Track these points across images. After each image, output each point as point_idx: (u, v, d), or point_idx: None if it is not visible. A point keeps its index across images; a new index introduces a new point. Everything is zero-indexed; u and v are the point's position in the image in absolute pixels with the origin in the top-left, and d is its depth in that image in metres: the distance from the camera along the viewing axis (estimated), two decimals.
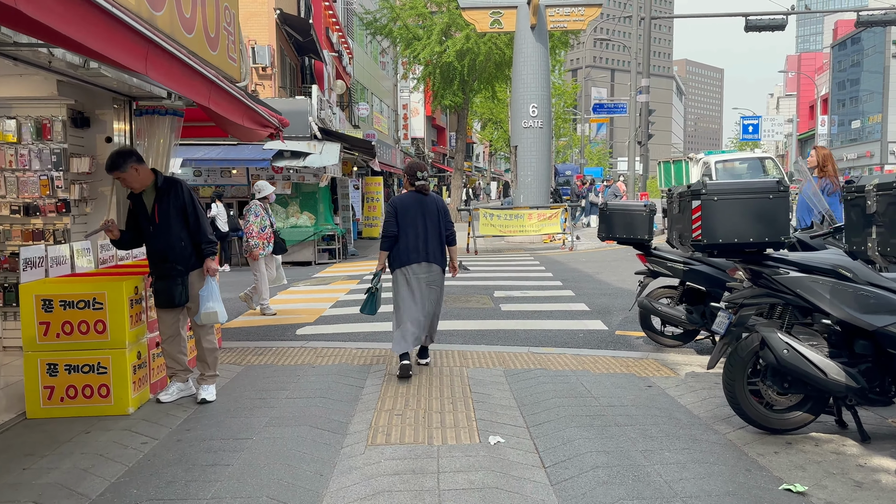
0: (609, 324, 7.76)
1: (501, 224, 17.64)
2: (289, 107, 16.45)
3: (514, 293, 10.04)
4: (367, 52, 37.71)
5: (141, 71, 3.59)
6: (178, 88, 4.22)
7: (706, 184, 3.92)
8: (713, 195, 3.88)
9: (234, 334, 7.67)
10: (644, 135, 21.59)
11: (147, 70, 3.62)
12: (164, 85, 4.19)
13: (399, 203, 5.78)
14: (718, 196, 3.87)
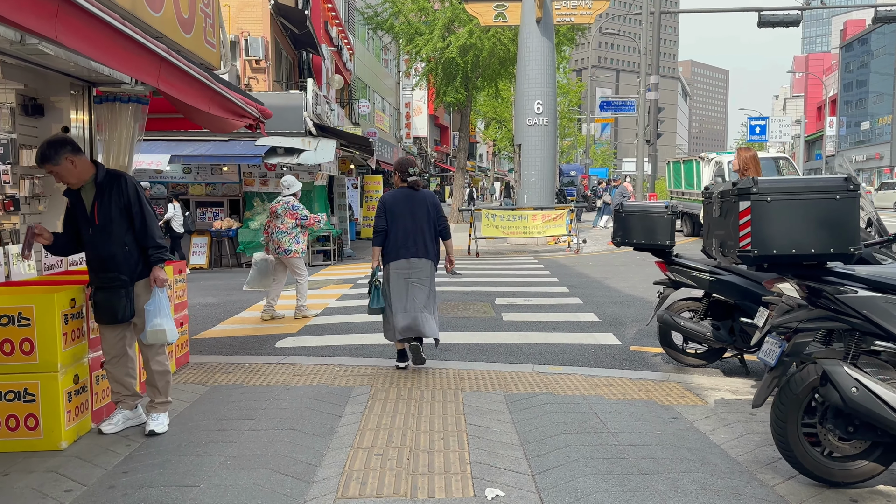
0: (622, 337, 7.01)
1: (504, 225, 16.90)
2: (282, 101, 15.74)
3: (517, 300, 9.29)
4: (368, 49, 37.00)
5: (48, 34, 2.86)
6: (107, 60, 3.48)
7: (757, 181, 3.17)
8: (766, 195, 3.13)
9: (206, 346, 6.94)
10: (652, 133, 20.84)
11: (57, 33, 2.88)
12: (85, 54, 3.46)
13: (389, 199, 5.82)
14: (773, 196, 3.12)
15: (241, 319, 8.49)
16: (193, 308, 9.38)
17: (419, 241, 5.75)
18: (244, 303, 9.80)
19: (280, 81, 17.21)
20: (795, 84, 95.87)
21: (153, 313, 4.21)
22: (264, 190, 15.93)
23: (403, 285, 5.74)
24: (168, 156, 14.54)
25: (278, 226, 8.43)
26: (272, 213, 8.58)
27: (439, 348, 6.42)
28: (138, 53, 3.72)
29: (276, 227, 8.45)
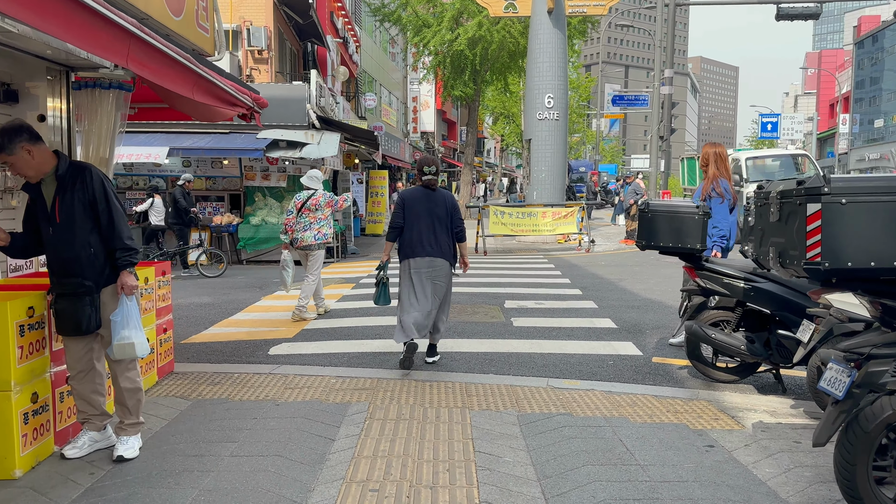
0: (643, 347, 6.49)
1: (513, 223, 16.37)
2: (284, 92, 15.25)
3: (527, 304, 8.78)
4: (375, 42, 36.46)
5: None
6: (66, 35, 2.98)
7: (829, 178, 2.65)
8: (840, 196, 2.60)
9: (195, 352, 6.46)
10: (666, 129, 20.25)
11: None
12: (39, 28, 2.95)
13: (408, 196, 5.84)
14: (849, 197, 2.60)
15: (235, 322, 8.01)
16: (186, 308, 8.92)
17: (435, 240, 5.72)
18: (240, 303, 9.32)
19: (283, 73, 16.73)
20: (807, 81, 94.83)
21: (120, 324, 3.71)
22: (266, 184, 15.46)
23: (416, 283, 5.71)
24: (166, 148, 14.07)
25: (319, 217, 8.23)
26: (312, 207, 8.20)
27: (446, 356, 5.94)
28: (102, 28, 3.22)
29: (316, 219, 8.22)
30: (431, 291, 5.73)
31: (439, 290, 5.77)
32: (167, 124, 15.13)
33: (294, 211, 8.24)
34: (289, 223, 8.23)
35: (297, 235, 8.18)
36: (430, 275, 5.72)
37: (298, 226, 8.18)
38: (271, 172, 15.43)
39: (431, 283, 5.72)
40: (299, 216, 8.19)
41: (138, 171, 15.57)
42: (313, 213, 8.20)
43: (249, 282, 11.70)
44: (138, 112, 7.79)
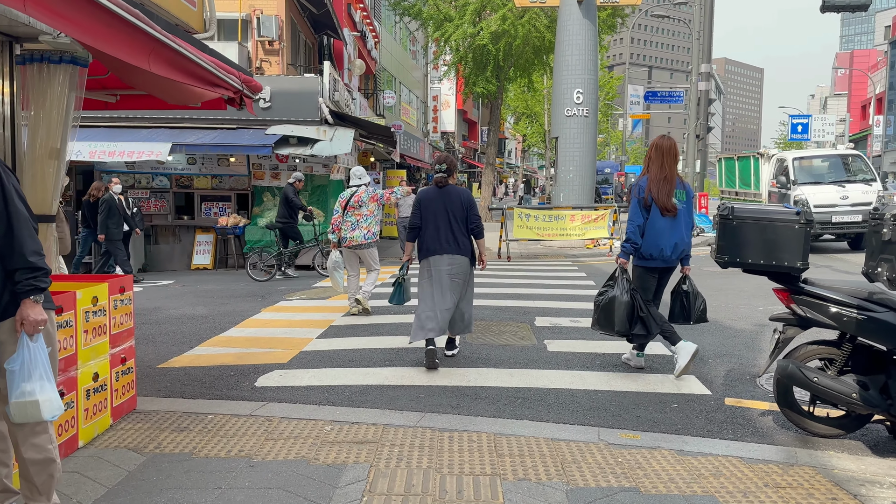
0: (710, 382, 5.33)
1: (539, 226, 15.24)
2: (295, 85, 14.25)
3: (561, 321, 7.65)
4: (395, 39, 35.46)
5: None
6: None
7: None
8: None
9: (170, 381, 5.42)
10: (703, 127, 18.98)
11: None
12: None
13: (423, 195, 5.88)
14: None
15: (225, 340, 6.97)
16: (175, 322, 7.91)
17: (451, 238, 5.73)
18: (236, 316, 8.30)
19: (296, 66, 15.76)
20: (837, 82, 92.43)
21: (20, 375, 2.66)
22: (275, 184, 14.46)
23: (436, 282, 5.73)
24: (169, 144, 13.12)
25: (364, 213, 8.15)
26: (356, 204, 8.13)
27: (470, 390, 4.85)
28: None
29: (362, 216, 8.14)
30: (450, 289, 5.72)
31: (457, 287, 5.76)
32: (170, 119, 14.22)
33: (339, 210, 8.19)
34: (335, 222, 8.20)
35: (345, 234, 8.13)
36: (450, 273, 5.72)
37: (346, 225, 8.14)
38: (281, 171, 14.43)
39: (450, 281, 5.72)
40: (345, 215, 8.14)
41: (141, 168, 14.64)
42: (358, 211, 8.12)
43: (251, 290, 10.67)
44: (121, 100, 6.84)
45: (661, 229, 5.28)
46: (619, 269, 5.35)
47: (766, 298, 9.16)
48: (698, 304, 5.54)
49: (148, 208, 14.73)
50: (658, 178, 5.35)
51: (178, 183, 14.72)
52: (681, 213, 5.34)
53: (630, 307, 5.25)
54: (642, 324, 5.32)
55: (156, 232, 14.82)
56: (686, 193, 5.46)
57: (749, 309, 8.45)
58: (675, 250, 5.34)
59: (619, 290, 5.28)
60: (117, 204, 11.73)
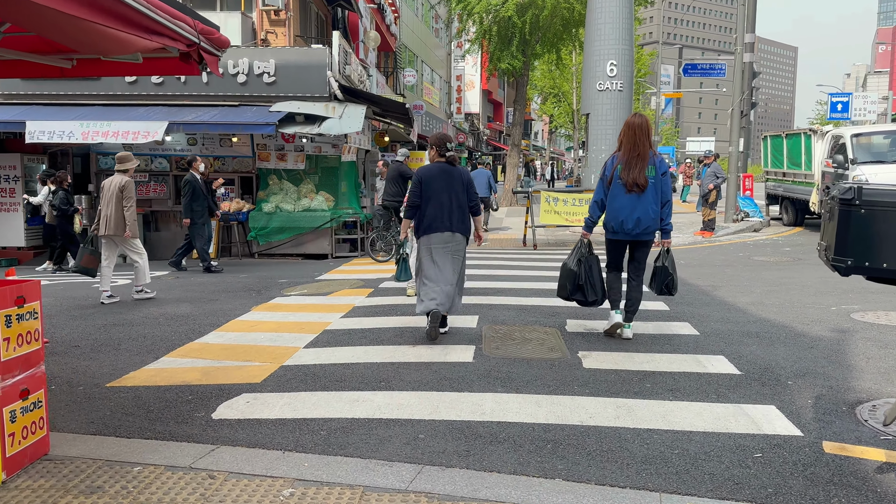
0: (796, 415, 4.10)
1: (567, 211, 13.95)
2: (301, 58, 13.08)
3: (597, 325, 6.44)
4: (417, 15, 34.10)
5: None
6: None
7: None
8: None
9: (111, 408, 4.33)
10: (746, 102, 17.47)
11: None
12: None
13: (424, 173, 5.90)
14: None
15: (199, 348, 5.88)
16: (151, 323, 6.86)
17: (454, 216, 5.85)
18: (221, 316, 7.22)
19: (306, 39, 14.62)
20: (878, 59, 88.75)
21: None
22: (282, 166, 13.37)
23: (437, 258, 5.84)
24: (165, 123, 12.08)
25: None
26: None
27: (489, 427, 3.69)
28: None
29: None
30: (451, 265, 5.86)
31: (457, 263, 5.91)
32: (168, 96, 13.19)
33: None
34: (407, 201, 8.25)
35: None
36: (451, 249, 5.86)
37: None
38: (287, 152, 13.33)
39: (451, 257, 5.86)
40: None
41: (139, 150, 13.63)
42: None
43: (248, 283, 9.61)
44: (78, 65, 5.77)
45: (622, 205, 5.61)
46: (579, 240, 5.93)
47: (836, 295, 7.85)
48: (665, 279, 5.90)
49: (147, 192, 13.75)
50: (630, 155, 5.58)
51: (178, 165, 13.70)
52: (649, 188, 5.57)
53: (572, 275, 5.85)
54: (581, 291, 5.85)
55: (155, 218, 13.85)
56: (656, 168, 5.61)
57: (820, 310, 7.15)
58: (638, 225, 5.61)
59: (569, 259, 5.94)
60: (201, 185, 11.00)
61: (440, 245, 5.83)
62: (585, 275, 5.81)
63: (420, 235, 5.91)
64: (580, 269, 5.82)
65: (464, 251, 5.98)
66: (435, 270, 5.82)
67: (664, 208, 5.68)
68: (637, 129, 5.58)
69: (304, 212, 12.96)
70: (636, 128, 5.58)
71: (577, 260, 5.85)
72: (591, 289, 5.81)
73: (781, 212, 17.71)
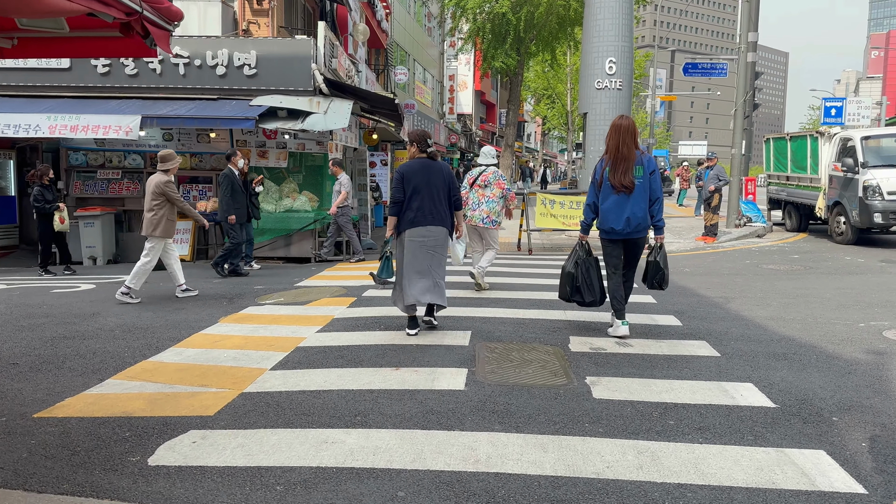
0: (853, 463, 3.40)
1: (565, 214, 13.28)
2: (284, 49, 12.33)
3: (604, 344, 5.74)
4: (409, 13, 33.37)
5: None
6: None
7: None
8: None
9: (30, 446, 3.59)
10: (749, 103, 16.85)
11: None
12: None
13: (406, 169, 5.95)
14: None
15: (151, 368, 5.14)
16: (106, 336, 6.11)
17: (436, 211, 5.92)
18: (185, 327, 6.48)
19: (290, 29, 13.88)
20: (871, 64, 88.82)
21: None
22: (263, 164, 12.62)
23: (419, 253, 5.88)
24: (139, 117, 11.31)
25: (487, 195, 8.25)
26: (482, 183, 8.29)
27: (473, 496, 2.98)
28: None
29: (484, 197, 8.25)
30: (433, 258, 5.92)
31: (437, 258, 5.95)
32: (143, 88, 12.42)
33: (467, 186, 8.35)
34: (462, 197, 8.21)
35: (467, 212, 8.27)
36: (430, 243, 5.91)
37: (469, 202, 8.29)
38: (269, 149, 12.59)
39: (430, 252, 5.92)
40: (471, 192, 8.30)
41: (112, 145, 12.88)
42: (482, 190, 8.26)
43: (221, 289, 8.87)
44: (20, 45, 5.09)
45: (610, 206, 5.73)
46: (577, 243, 6.14)
47: (860, 309, 7.19)
48: (656, 275, 5.98)
49: (119, 191, 12.98)
50: (616, 157, 5.67)
51: (153, 162, 12.92)
52: (638, 187, 5.65)
53: (570, 277, 6.07)
54: (579, 293, 6.02)
55: (129, 217, 13.07)
56: (644, 168, 5.68)
57: (847, 326, 6.48)
58: (628, 224, 5.69)
59: (568, 262, 6.16)
60: (239, 182, 10.40)
61: (422, 239, 5.89)
62: (583, 276, 5.99)
63: (402, 230, 5.92)
64: (577, 272, 6.03)
65: (445, 245, 6.06)
66: (415, 264, 5.89)
67: (654, 205, 5.75)
68: (623, 131, 5.67)
69: (286, 212, 12.21)
70: (622, 130, 5.67)
71: (575, 262, 6.06)
72: (588, 290, 5.98)
73: (784, 217, 17.10)
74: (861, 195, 12.72)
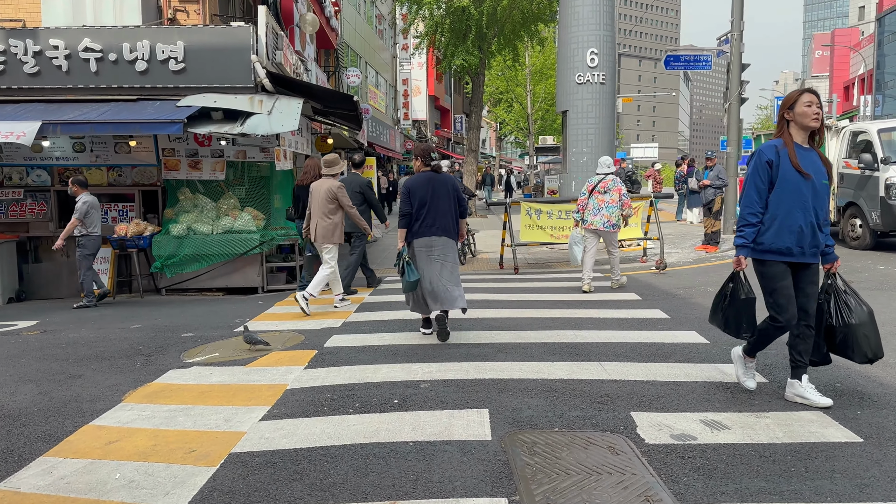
0: None
1: (552, 226, 11.55)
2: (217, 39, 10.26)
3: (686, 425, 3.95)
4: (359, 13, 31.44)
5: None
6: None
7: None
8: None
9: None
10: (735, 97, 15.48)
11: None
12: None
13: (412, 184, 6.16)
14: None
15: None
16: None
17: (442, 222, 6.13)
18: (74, 412, 4.47)
19: (225, 17, 11.88)
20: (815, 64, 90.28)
21: None
22: (196, 176, 10.56)
23: (428, 261, 6.09)
24: (38, 123, 9.17)
25: (607, 201, 8.62)
26: (601, 190, 8.65)
27: None
28: None
29: (604, 202, 8.61)
30: (441, 269, 6.07)
31: (448, 264, 6.12)
32: (46, 90, 10.25)
33: (586, 192, 8.73)
34: (580, 203, 8.82)
35: (587, 217, 8.66)
36: (440, 252, 6.11)
37: (589, 207, 8.65)
38: (202, 158, 10.53)
39: (441, 261, 6.09)
40: (590, 198, 8.67)
41: (11, 160, 10.65)
42: (602, 196, 8.61)
43: (137, 339, 6.81)
44: None
45: (795, 206, 4.14)
46: (731, 276, 4.59)
47: None
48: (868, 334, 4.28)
49: (21, 213, 10.75)
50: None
51: (62, 178, 10.74)
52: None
53: (751, 303, 4.64)
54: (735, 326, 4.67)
55: (34, 246, 10.83)
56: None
57: None
58: (812, 235, 4.26)
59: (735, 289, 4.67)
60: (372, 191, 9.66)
61: (429, 249, 6.10)
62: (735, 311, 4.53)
63: (409, 241, 6.15)
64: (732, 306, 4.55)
65: (453, 253, 6.19)
66: (426, 272, 6.08)
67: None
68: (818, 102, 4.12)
69: (224, 234, 10.16)
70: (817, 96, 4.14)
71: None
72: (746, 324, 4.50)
73: None
74: (883, 194, 11.32)
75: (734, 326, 4.49)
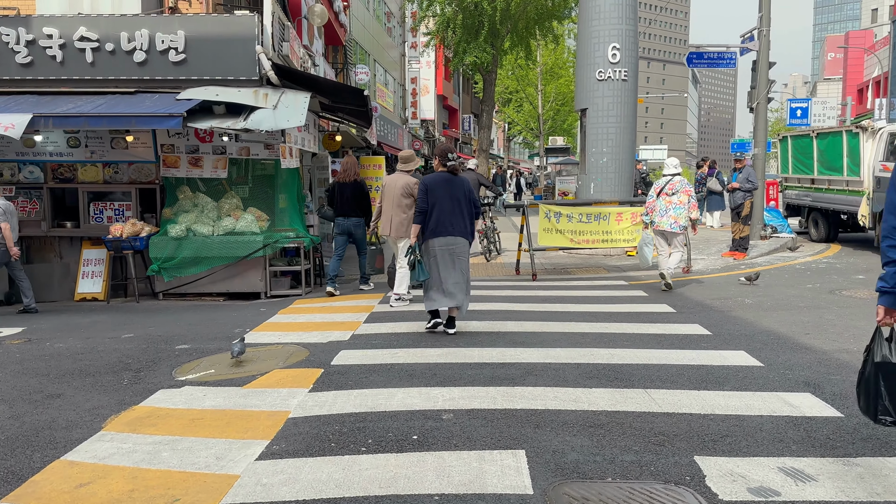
0: None
1: (573, 229, 10.92)
2: (221, 28, 9.63)
3: (763, 475, 3.33)
4: (369, 10, 30.86)
5: None
6: None
7: None
8: None
9: None
10: (762, 96, 14.81)
11: None
12: None
13: (430, 182, 6.30)
14: None
15: None
16: None
17: (457, 222, 6.26)
18: (45, 442, 3.87)
19: (229, 6, 11.29)
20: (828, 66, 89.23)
21: None
22: (196, 173, 9.96)
23: (441, 260, 6.24)
24: (29, 116, 8.59)
25: (674, 202, 8.71)
26: (669, 191, 8.75)
27: None
28: None
29: (671, 204, 8.71)
30: (453, 266, 6.25)
31: (461, 264, 6.30)
32: (39, 81, 9.67)
33: (654, 195, 8.88)
34: (649, 206, 8.97)
35: (654, 219, 8.82)
36: (454, 251, 6.25)
37: (657, 209, 8.80)
38: (203, 155, 9.93)
39: (455, 259, 6.26)
40: (658, 200, 8.82)
41: (4, 156, 10.08)
42: (669, 198, 8.74)
43: (127, 351, 6.21)
44: None
45: None
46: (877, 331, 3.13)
47: None
48: None
49: None
50: None
51: (56, 175, 10.16)
52: None
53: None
54: None
55: (27, 246, 10.25)
56: None
57: None
58: None
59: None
60: None
61: (444, 248, 6.24)
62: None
63: (425, 239, 6.28)
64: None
65: (467, 253, 6.35)
66: (439, 272, 6.22)
67: None
68: None
69: (226, 235, 9.55)
70: None
71: None
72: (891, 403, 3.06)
73: (808, 225, 15.05)
74: None
75: (869, 405, 3.17)
